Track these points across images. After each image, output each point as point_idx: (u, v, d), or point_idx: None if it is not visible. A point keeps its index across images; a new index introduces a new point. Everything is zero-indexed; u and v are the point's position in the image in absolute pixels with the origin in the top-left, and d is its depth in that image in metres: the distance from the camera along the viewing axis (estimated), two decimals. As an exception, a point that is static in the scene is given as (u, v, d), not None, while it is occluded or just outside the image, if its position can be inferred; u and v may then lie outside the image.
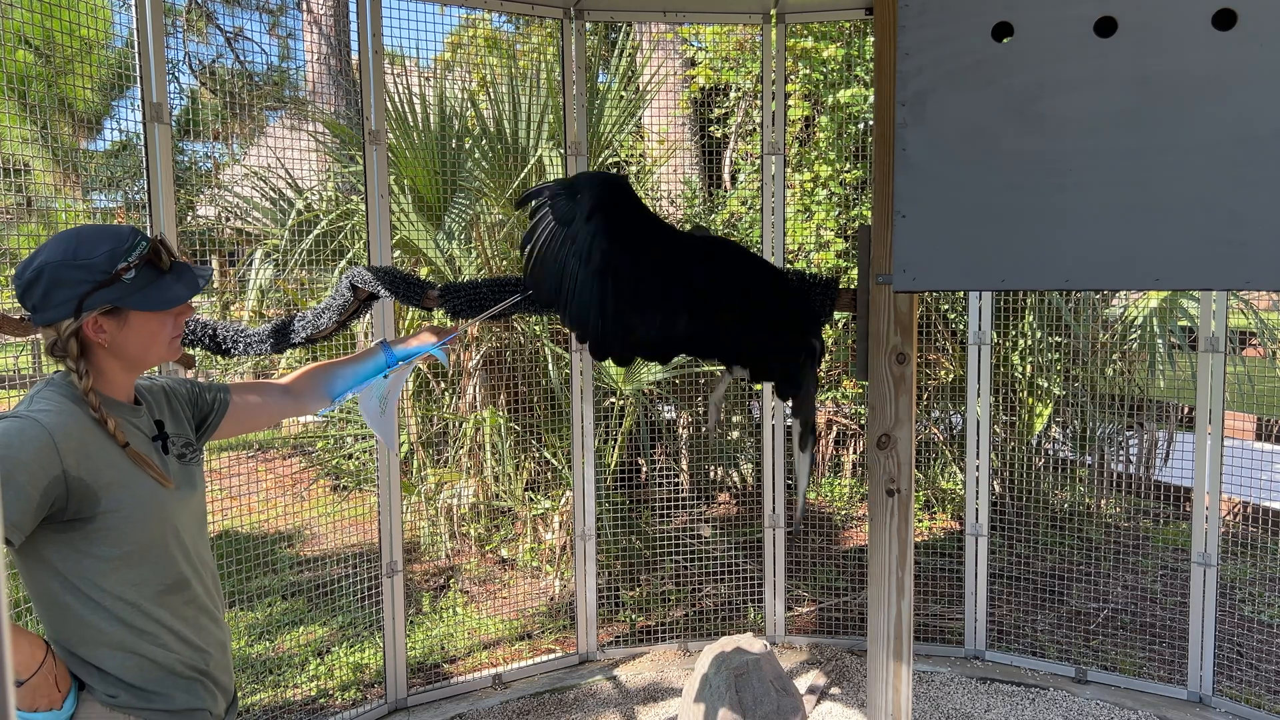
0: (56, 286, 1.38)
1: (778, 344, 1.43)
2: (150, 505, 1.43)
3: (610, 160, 4.96)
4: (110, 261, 1.40)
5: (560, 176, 4.32)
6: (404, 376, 2.01)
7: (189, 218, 4.96)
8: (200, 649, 1.52)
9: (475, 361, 4.52)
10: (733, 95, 5.70)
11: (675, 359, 4.42)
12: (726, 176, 5.86)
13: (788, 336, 1.44)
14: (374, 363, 1.97)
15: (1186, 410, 4.33)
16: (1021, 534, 3.95)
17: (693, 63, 5.96)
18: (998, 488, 4.27)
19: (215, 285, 4.71)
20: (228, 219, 4.82)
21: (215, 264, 4.87)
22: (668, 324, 1.31)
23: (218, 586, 1.61)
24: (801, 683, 3.63)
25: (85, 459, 1.35)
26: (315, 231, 4.29)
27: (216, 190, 5.07)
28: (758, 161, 4.10)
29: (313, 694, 3.52)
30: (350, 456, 4.71)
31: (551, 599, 4.37)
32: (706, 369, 4.74)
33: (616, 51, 4.97)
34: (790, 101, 4.97)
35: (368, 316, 3.66)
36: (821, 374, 5.19)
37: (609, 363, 4.45)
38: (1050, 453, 4.61)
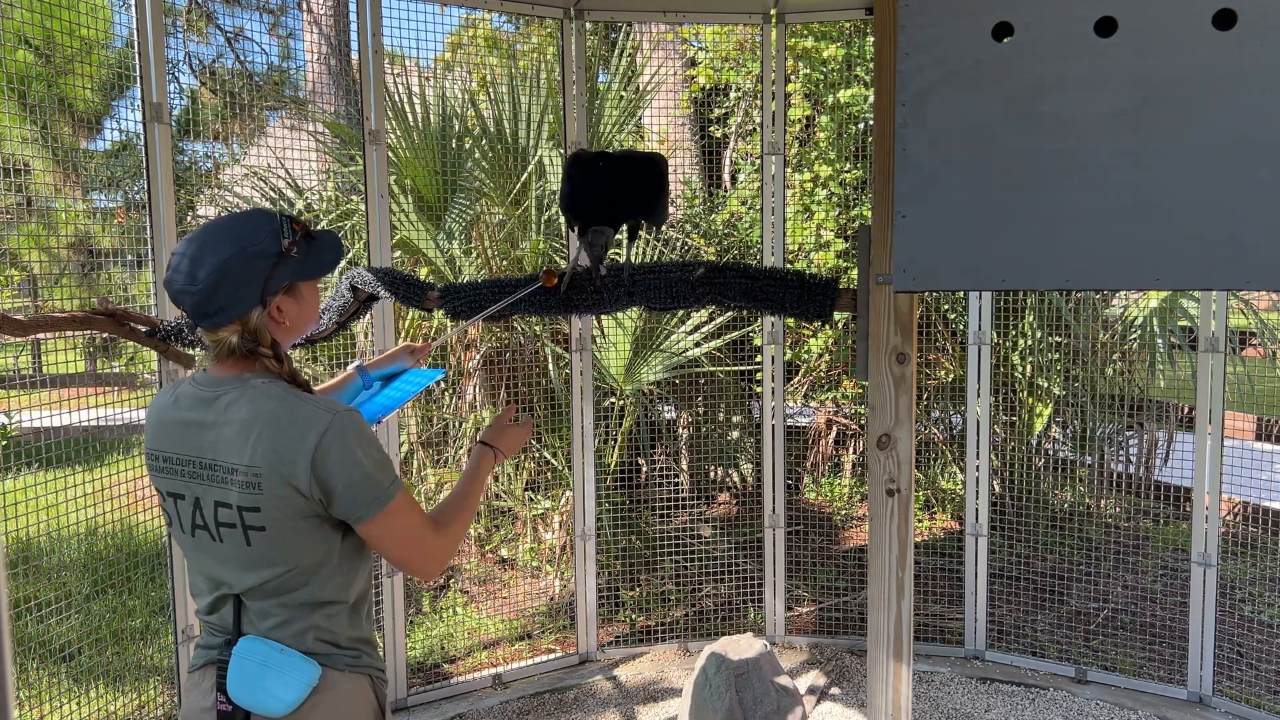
0: (242, 279, 1.40)
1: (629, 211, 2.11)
2: None
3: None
4: (276, 241, 1.43)
5: (561, 177, 4.32)
6: (398, 407, 2.00)
7: (189, 218, 4.96)
8: None
9: (475, 361, 4.52)
10: (733, 95, 5.70)
11: (676, 361, 4.41)
12: (726, 176, 5.87)
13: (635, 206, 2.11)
14: (352, 387, 1.98)
15: (1186, 410, 4.33)
16: (1021, 534, 3.95)
17: (693, 63, 5.96)
18: (998, 488, 4.27)
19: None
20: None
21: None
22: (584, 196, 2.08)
23: None
24: (801, 683, 3.63)
25: None
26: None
27: (216, 190, 5.07)
28: (758, 161, 4.11)
29: (313, 694, 3.52)
30: None
31: (551, 599, 4.37)
32: (707, 369, 4.74)
33: (616, 51, 4.98)
34: (790, 101, 4.97)
35: (368, 317, 3.66)
36: (821, 374, 5.19)
37: (609, 361, 4.46)
38: (1050, 453, 4.61)
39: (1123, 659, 3.74)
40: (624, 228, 2.16)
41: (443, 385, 4.68)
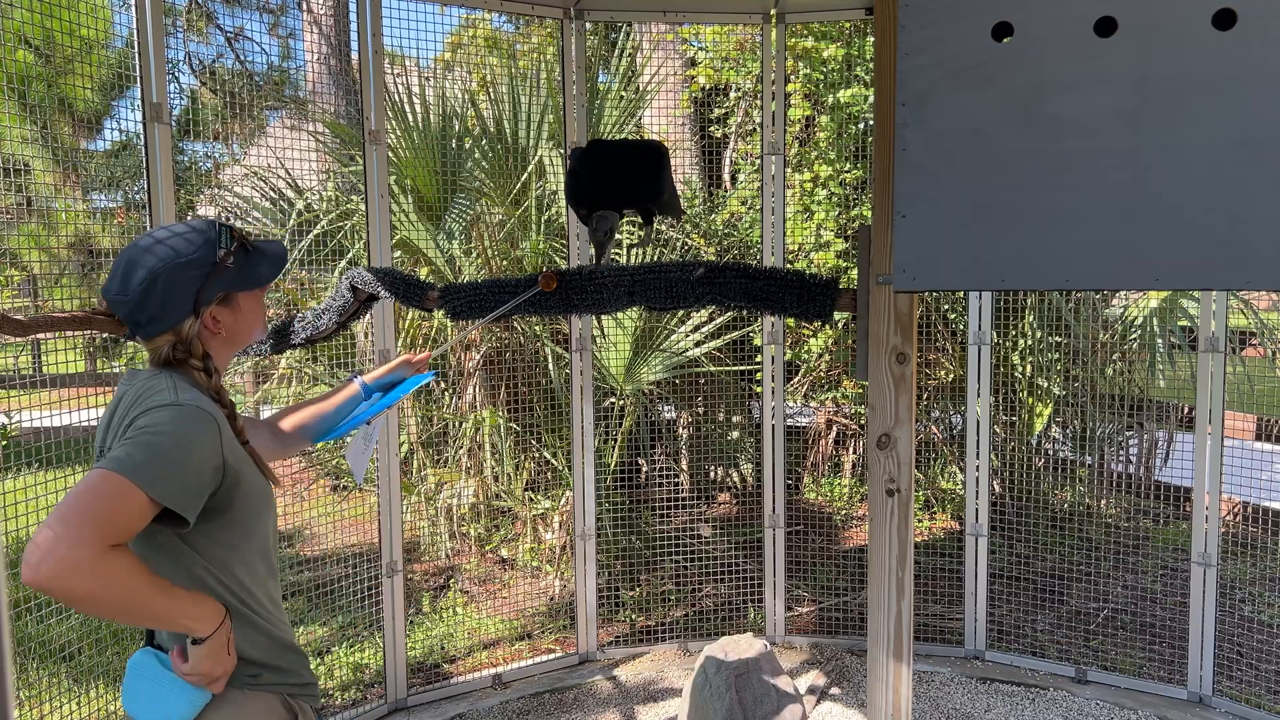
0: (173, 289, 1.40)
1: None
2: (265, 499, 1.50)
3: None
4: (211, 251, 1.43)
5: (561, 178, 4.32)
6: (388, 409, 2.00)
7: (189, 218, 4.96)
8: (290, 629, 1.60)
9: (475, 361, 4.52)
10: (733, 95, 5.70)
11: (676, 361, 4.40)
12: (726, 176, 5.86)
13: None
14: (352, 399, 1.97)
15: (1186, 410, 4.33)
16: (1021, 534, 3.95)
17: (693, 63, 5.96)
18: (998, 488, 4.27)
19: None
20: (228, 219, 4.82)
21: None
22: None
23: None
24: (801, 683, 3.63)
25: (233, 450, 1.40)
26: (315, 232, 4.29)
27: (216, 190, 5.07)
28: (758, 161, 4.10)
29: (313, 694, 3.52)
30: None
31: (551, 599, 4.37)
32: (707, 369, 4.73)
33: (616, 51, 4.97)
34: (790, 101, 4.97)
35: (368, 317, 3.66)
36: (821, 374, 5.19)
37: (609, 361, 4.46)
38: (1050, 453, 4.61)
39: (1123, 659, 3.74)
40: (625, 214, 2.18)
41: (443, 385, 4.68)
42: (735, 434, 4.99)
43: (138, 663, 1.40)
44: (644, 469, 4.79)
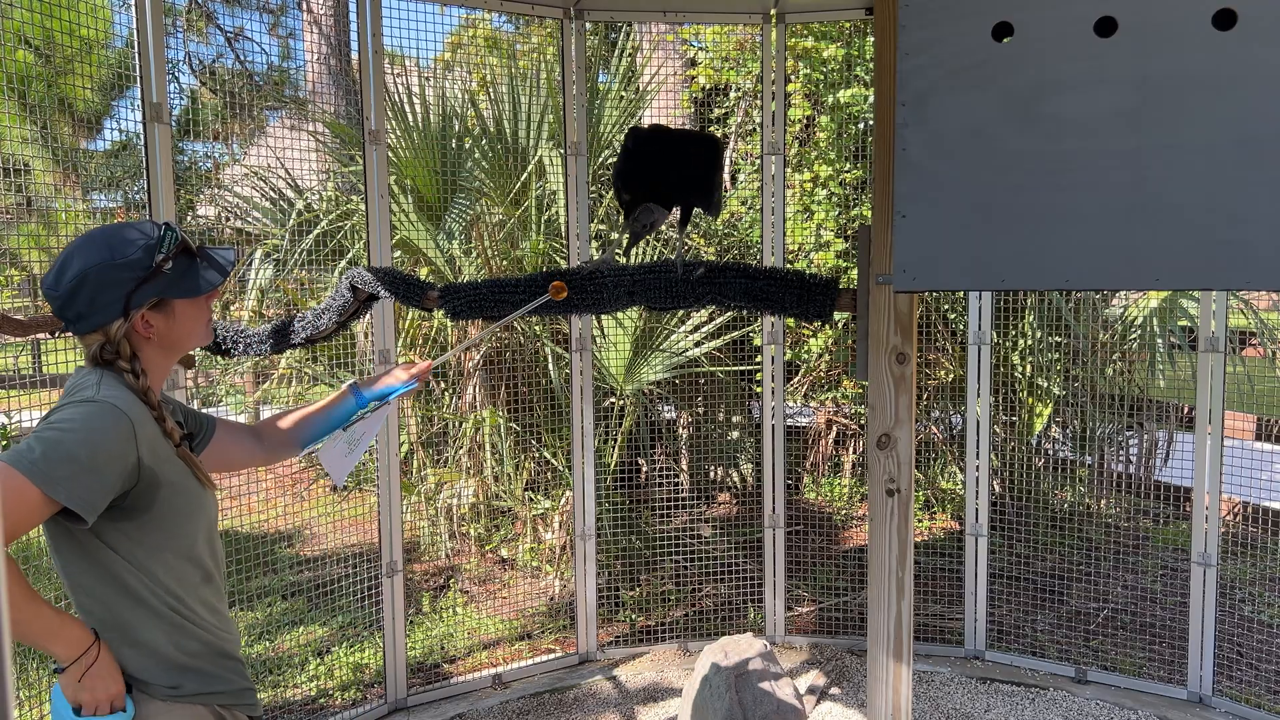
0: (102, 289, 1.38)
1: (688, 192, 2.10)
2: (195, 502, 1.47)
3: (610, 160, 4.96)
4: (148, 255, 1.41)
5: (561, 178, 4.32)
6: (383, 418, 1.94)
7: (189, 218, 4.96)
8: (232, 636, 1.57)
9: (475, 361, 4.52)
10: (733, 95, 5.70)
11: (676, 361, 4.39)
12: (727, 176, 5.86)
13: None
14: (344, 407, 1.94)
15: (1186, 410, 4.33)
16: (1021, 534, 3.95)
17: (693, 63, 5.96)
18: (998, 488, 4.27)
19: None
20: (228, 219, 4.82)
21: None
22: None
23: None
24: (801, 683, 3.63)
25: (153, 451, 1.38)
26: (315, 232, 4.29)
27: (216, 190, 5.07)
28: (758, 161, 4.10)
29: (312, 694, 3.52)
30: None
31: (551, 599, 4.37)
32: (707, 369, 4.73)
33: (616, 52, 4.97)
34: (790, 101, 4.97)
35: (367, 317, 3.66)
36: (821, 374, 5.19)
37: (609, 361, 4.46)
38: (1050, 453, 4.61)
39: (1123, 659, 3.74)
40: (676, 211, 2.14)
41: (443, 385, 4.68)
42: (735, 434, 4.99)
43: (57, 690, 1.37)
44: (644, 469, 4.79)
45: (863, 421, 5.02)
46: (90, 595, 1.39)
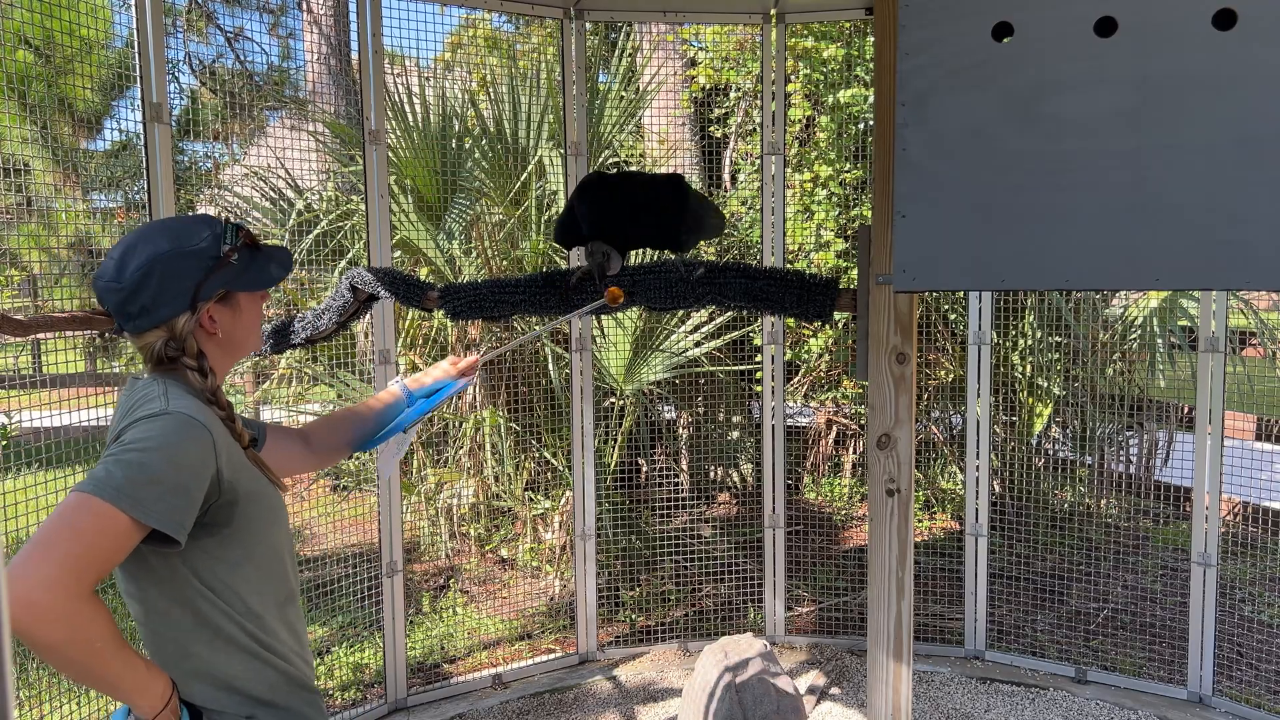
0: (171, 280, 1.29)
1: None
2: (273, 511, 1.38)
3: (610, 160, 4.96)
4: (216, 245, 1.33)
5: (561, 178, 4.33)
6: (427, 415, 1.90)
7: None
8: (310, 664, 1.47)
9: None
10: (733, 95, 5.70)
11: (676, 361, 4.40)
12: (726, 176, 5.86)
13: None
14: (394, 407, 1.85)
15: (1186, 410, 4.33)
16: (1021, 534, 3.95)
17: (693, 63, 5.96)
18: (998, 488, 4.27)
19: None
20: (228, 219, 4.82)
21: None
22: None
23: None
24: (801, 683, 3.63)
25: (231, 460, 1.29)
26: (315, 232, 4.29)
27: (216, 190, 5.07)
28: (758, 161, 4.10)
29: (313, 694, 3.52)
30: (351, 456, 4.70)
31: (551, 599, 4.37)
32: (707, 369, 4.74)
33: (617, 52, 4.97)
34: (790, 101, 4.97)
35: (368, 317, 3.66)
36: (821, 374, 5.19)
37: (609, 361, 4.46)
38: (1050, 453, 4.61)
39: (1123, 659, 3.74)
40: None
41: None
42: (735, 434, 4.99)
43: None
44: (644, 469, 4.79)
45: (863, 421, 5.02)
46: (165, 623, 1.30)
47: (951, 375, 4.80)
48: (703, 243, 5.14)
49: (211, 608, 1.30)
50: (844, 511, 5.12)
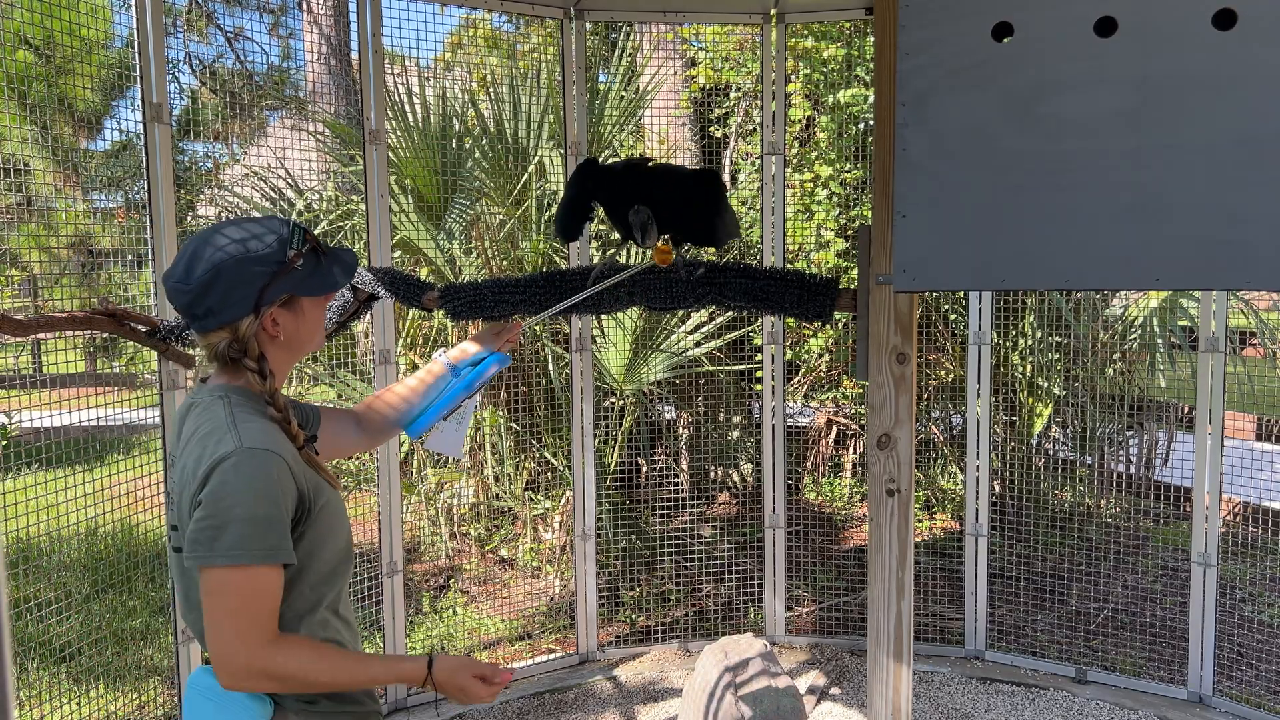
0: (236, 285, 1.33)
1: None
2: (337, 510, 1.43)
3: (611, 160, 4.96)
4: (282, 250, 1.36)
5: (561, 178, 4.33)
6: (479, 388, 1.87)
7: (189, 218, 4.96)
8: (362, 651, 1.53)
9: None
10: (733, 95, 5.70)
11: (676, 361, 4.38)
12: (727, 176, 5.86)
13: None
14: (440, 379, 1.83)
15: (1186, 410, 4.33)
16: (1021, 534, 3.95)
17: (693, 63, 5.96)
18: (998, 488, 4.27)
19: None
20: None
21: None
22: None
23: None
24: (801, 683, 3.63)
25: (303, 474, 1.35)
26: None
27: (216, 190, 5.07)
28: (758, 161, 4.11)
29: (313, 694, 3.52)
30: (350, 456, 4.71)
31: (551, 599, 4.37)
32: (707, 369, 4.74)
33: (617, 52, 4.97)
34: (790, 101, 4.97)
35: (368, 317, 3.66)
36: (821, 374, 5.19)
37: (609, 361, 4.46)
38: (1050, 453, 4.61)
39: (1123, 659, 3.74)
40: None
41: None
42: (735, 434, 4.99)
43: (197, 680, 1.35)
44: (644, 469, 4.79)
45: (863, 421, 5.02)
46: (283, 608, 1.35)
47: (951, 375, 4.80)
48: (703, 243, 5.13)
49: (285, 606, 1.34)
50: (844, 511, 5.12)
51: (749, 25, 4.07)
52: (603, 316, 4.41)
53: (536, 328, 4.52)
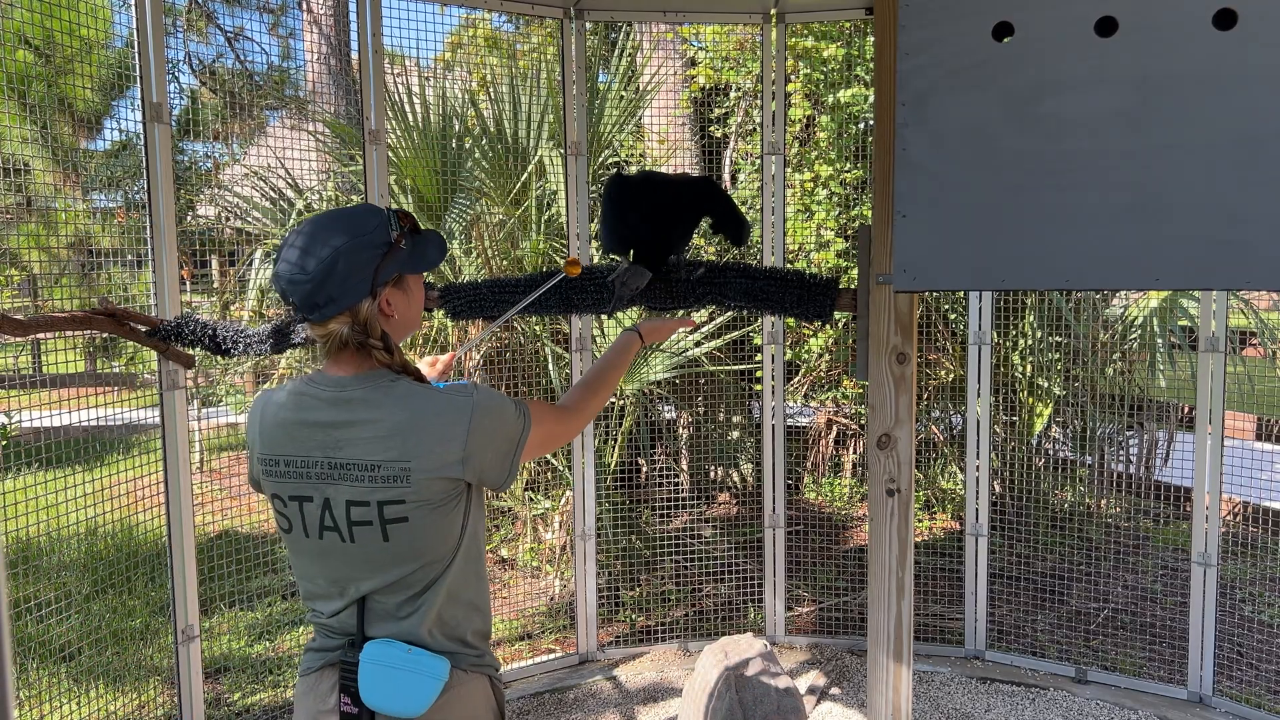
0: (353, 269, 1.37)
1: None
2: None
3: (610, 160, 4.96)
4: (385, 232, 1.42)
5: (561, 178, 4.33)
6: None
7: (189, 218, 4.96)
8: None
9: (476, 361, 4.52)
10: (733, 95, 5.70)
11: (676, 361, 4.40)
12: (726, 176, 5.86)
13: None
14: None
15: (1186, 410, 4.33)
16: (1021, 534, 3.95)
17: (693, 62, 5.96)
18: (998, 488, 4.27)
19: (215, 285, 4.72)
20: (228, 219, 4.82)
21: (215, 264, 4.87)
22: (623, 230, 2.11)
23: None
24: (801, 683, 3.63)
25: None
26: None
27: (216, 190, 5.07)
28: (758, 161, 4.11)
29: (313, 694, 3.51)
30: None
31: (551, 599, 4.37)
32: (707, 369, 4.73)
33: (617, 51, 4.97)
34: (790, 101, 4.97)
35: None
36: (821, 374, 5.19)
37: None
38: (1050, 453, 4.61)
39: (1123, 659, 3.74)
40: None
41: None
42: (735, 434, 4.99)
43: (377, 654, 1.39)
44: (644, 469, 4.79)
45: (863, 421, 5.02)
46: (433, 567, 1.42)
47: (951, 375, 4.80)
48: (701, 241, 5.14)
49: (479, 554, 1.49)
50: (844, 511, 5.12)
51: (749, 25, 4.07)
52: (603, 316, 4.41)
53: (537, 328, 4.52)
